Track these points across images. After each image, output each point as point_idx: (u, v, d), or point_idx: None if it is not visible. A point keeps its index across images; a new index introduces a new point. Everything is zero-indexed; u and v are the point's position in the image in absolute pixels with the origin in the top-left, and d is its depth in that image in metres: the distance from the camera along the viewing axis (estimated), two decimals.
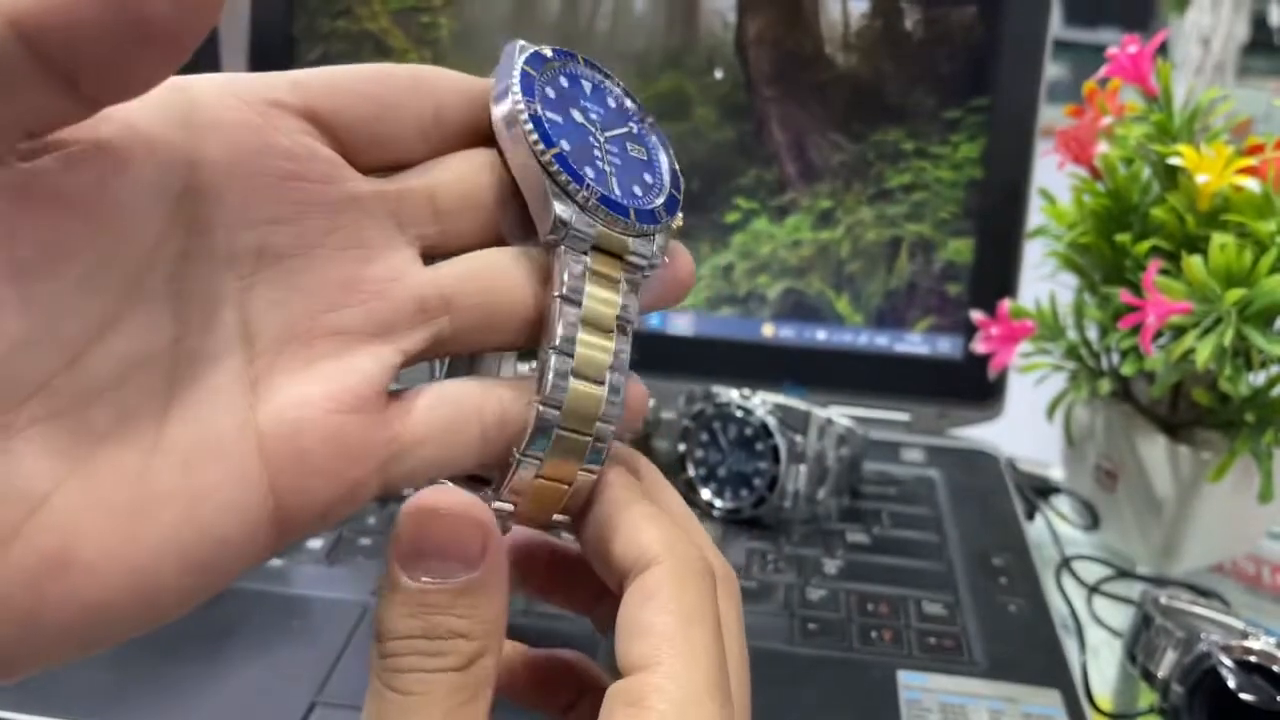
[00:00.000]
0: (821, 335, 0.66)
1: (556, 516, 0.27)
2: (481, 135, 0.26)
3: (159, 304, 0.21)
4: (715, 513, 0.55)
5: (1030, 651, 0.47)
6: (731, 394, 0.55)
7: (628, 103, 0.28)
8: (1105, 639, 0.55)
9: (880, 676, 0.45)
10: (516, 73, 0.25)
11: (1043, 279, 0.60)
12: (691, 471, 0.56)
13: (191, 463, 0.21)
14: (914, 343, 0.65)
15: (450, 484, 0.25)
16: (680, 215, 0.27)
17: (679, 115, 0.65)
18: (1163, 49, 0.56)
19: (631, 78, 0.65)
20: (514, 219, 0.26)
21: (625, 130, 0.27)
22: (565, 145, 0.25)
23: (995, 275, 0.64)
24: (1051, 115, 0.62)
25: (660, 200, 0.27)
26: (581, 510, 0.27)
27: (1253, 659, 0.42)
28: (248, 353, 0.23)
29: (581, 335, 0.25)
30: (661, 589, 0.25)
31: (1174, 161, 0.51)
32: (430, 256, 0.25)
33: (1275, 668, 0.41)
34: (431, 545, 0.23)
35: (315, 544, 0.52)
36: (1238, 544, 0.61)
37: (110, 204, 0.20)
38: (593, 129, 0.26)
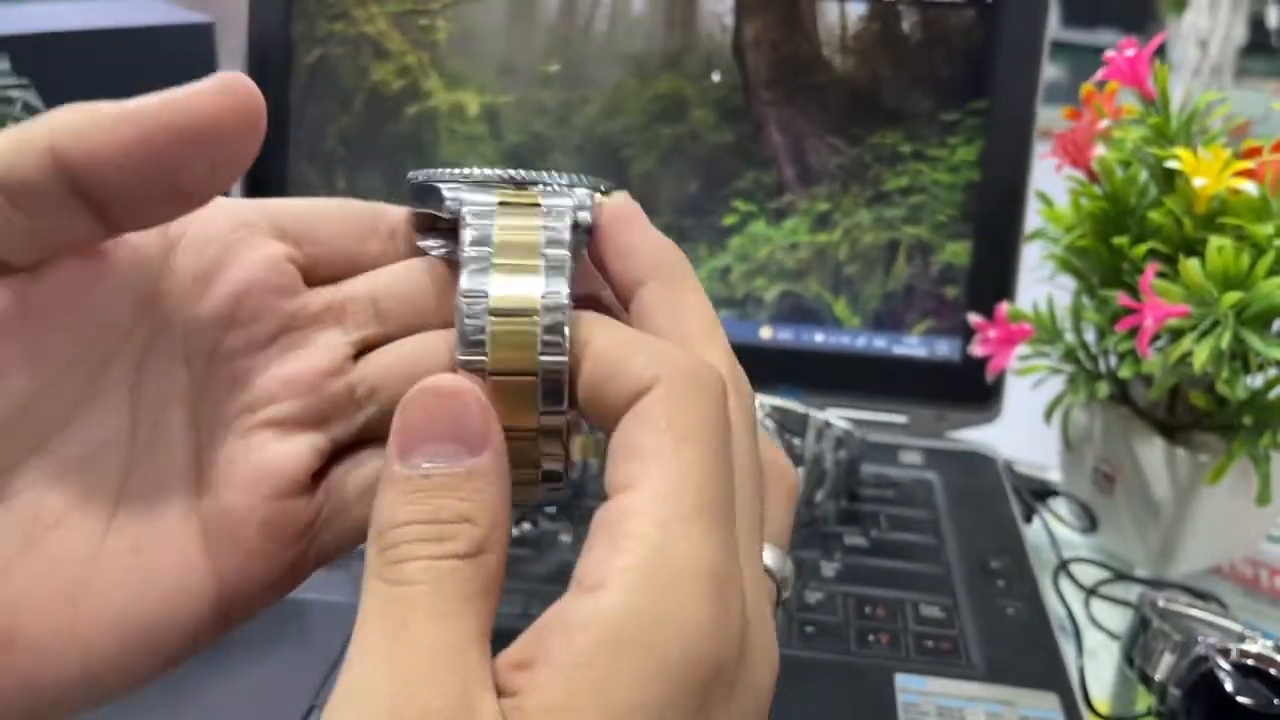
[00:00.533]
0: (819, 338, 0.66)
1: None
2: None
3: (118, 395, 0.24)
4: None
5: (1028, 654, 0.47)
6: None
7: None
8: (1103, 642, 0.55)
9: (877, 679, 0.45)
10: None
11: (1041, 282, 0.60)
12: None
13: (141, 548, 0.23)
14: (912, 345, 0.65)
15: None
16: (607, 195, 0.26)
17: (677, 118, 0.65)
18: (1161, 51, 0.57)
19: (629, 80, 0.65)
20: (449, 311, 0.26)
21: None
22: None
23: (993, 278, 0.64)
24: (1050, 117, 0.62)
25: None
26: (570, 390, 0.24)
27: (1250, 662, 0.42)
28: (194, 444, 0.24)
29: (497, 260, 0.24)
30: (654, 406, 0.22)
31: (1171, 164, 0.51)
32: (374, 346, 0.27)
33: (1273, 671, 0.41)
34: (434, 429, 0.22)
35: None
36: (1236, 547, 0.61)
37: (88, 306, 0.23)
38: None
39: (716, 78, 0.65)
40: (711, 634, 0.20)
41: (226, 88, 0.22)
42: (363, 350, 0.27)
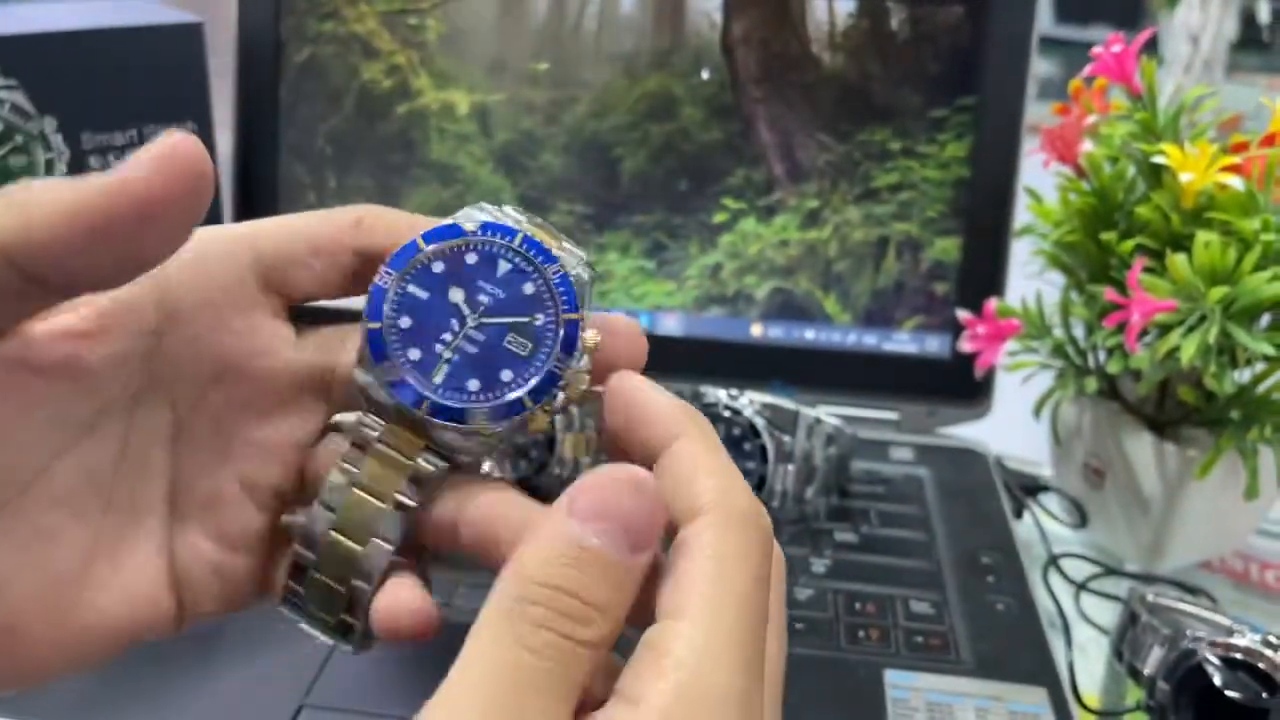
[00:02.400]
0: (810, 334, 0.66)
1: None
2: None
3: (112, 430, 0.26)
4: None
5: (1017, 650, 0.47)
6: (719, 394, 0.55)
7: (550, 291, 0.27)
8: (1093, 637, 0.55)
9: (867, 676, 0.45)
10: (408, 244, 0.27)
11: (1030, 277, 0.60)
12: None
13: (119, 568, 0.26)
14: (902, 342, 0.66)
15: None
16: (510, 422, 0.26)
17: (666, 116, 0.65)
18: (1153, 46, 0.57)
19: (618, 78, 0.65)
20: None
21: (516, 321, 0.27)
22: (403, 322, 0.27)
23: (983, 274, 0.64)
24: (1041, 113, 0.62)
25: (495, 401, 0.26)
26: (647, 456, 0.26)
27: (1238, 656, 0.42)
28: (170, 480, 0.27)
29: (348, 498, 0.27)
30: (703, 536, 0.23)
31: (1158, 160, 0.51)
32: None
33: (1260, 664, 0.42)
34: (617, 508, 0.23)
35: None
36: (1225, 541, 0.61)
37: (85, 367, 0.25)
38: (463, 312, 0.27)
39: (706, 75, 0.65)
40: None
41: (168, 161, 0.23)
42: None
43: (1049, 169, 0.59)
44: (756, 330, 0.66)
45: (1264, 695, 0.41)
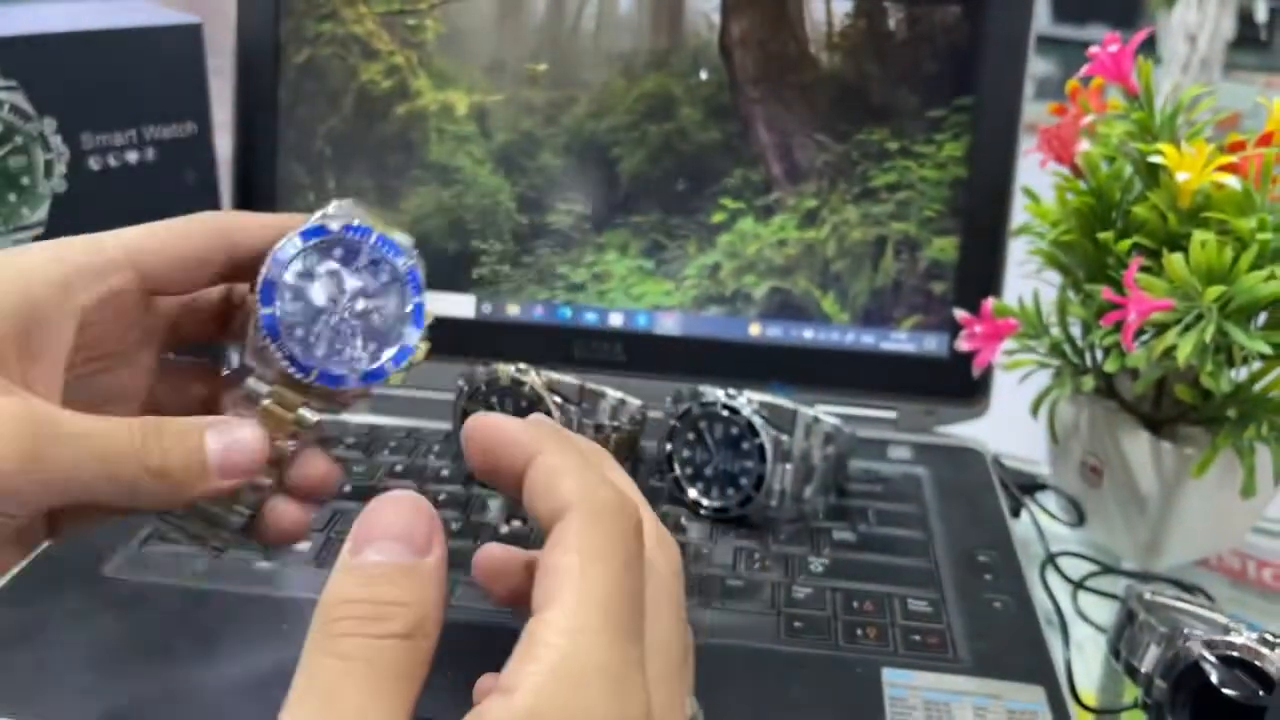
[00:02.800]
0: (808, 334, 0.66)
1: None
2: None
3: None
4: (702, 512, 0.56)
5: (1015, 648, 0.48)
6: (718, 393, 0.55)
7: (401, 279, 0.35)
8: (1091, 635, 0.55)
9: (865, 674, 0.45)
10: (286, 241, 0.34)
11: (1027, 277, 0.60)
12: (678, 471, 0.56)
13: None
14: (900, 341, 0.66)
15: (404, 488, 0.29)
16: (373, 385, 0.35)
17: (664, 116, 0.65)
18: (1151, 45, 0.57)
19: (617, 79, 0.65)
20: None
21: (378, 304, 0.35)
22: (290, 306, 0.34)
23: (980, 273, 0.64)
24: (1039, 113, 0.62)
25: (369, 368, 0.35)
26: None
27: (1235, 654, 0.42)
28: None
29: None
30: (569, 531, 0.25)
31: (1155, 159, 0.51)
32: None
33: (1257, 662, 0.42)
34: (387, 529, 0.26)
35: (303, 546, 0.52)
36: (1223, 539, 0.61)
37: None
38: (337, 297, 0.34)
39: (704, 76, 0.65)
40: None
41: None
42: None
43: (1046, 169, 0.59)
44: (755, 330, 0.67)
45: (1260, 693, 0.41)
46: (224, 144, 0.68)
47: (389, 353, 0.35)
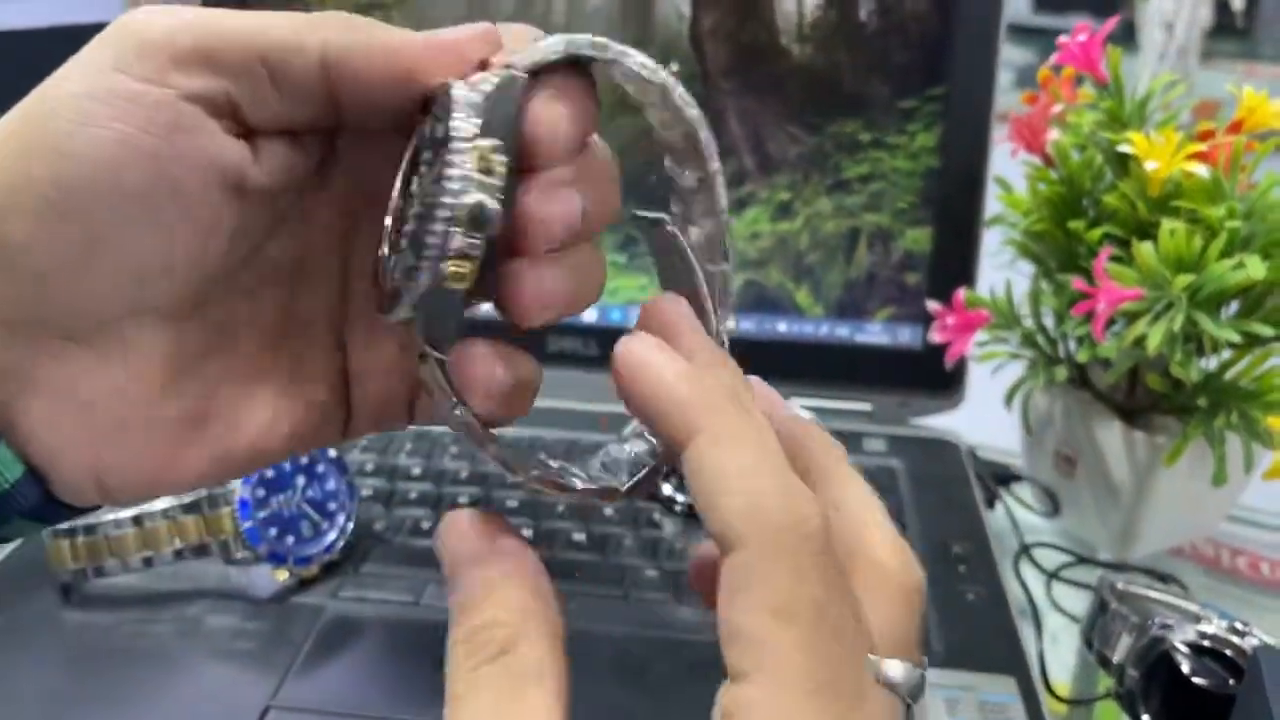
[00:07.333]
0: (782, 327, 0.66)
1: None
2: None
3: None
4: (677, 507, 0.55)
5: (987, 640, 0.47)
6: None
7: None
8: (1065, 625, 0.55)
9: None
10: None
11: (1001, 267, 0.60)
12: None
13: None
14: (874, 333, 0.66)
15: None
16: None
17: (635, 109, 0.65)
18: (1129, 34, 0.57)
19: None
20: None
21: None
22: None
23: (954, 264, 0.64)
24: (1014, 102, 0.62)
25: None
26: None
27: (1206, 643, 0.42)
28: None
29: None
30: (749, 580, 0.23)
31: (1124, 148, 0.51)
32: None
33: (1228, 651, 0.42)
34: (448, 564, 0.26)
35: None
36: (1196, 527, 0.61)
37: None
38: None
39: (674, 68, 0.64)
40: None
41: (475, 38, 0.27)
42: None
43: (1016, 158, 0.59)
44: (729, 323, 0.66)
45: (1231, 682, 0.41)
46: None
47: None
